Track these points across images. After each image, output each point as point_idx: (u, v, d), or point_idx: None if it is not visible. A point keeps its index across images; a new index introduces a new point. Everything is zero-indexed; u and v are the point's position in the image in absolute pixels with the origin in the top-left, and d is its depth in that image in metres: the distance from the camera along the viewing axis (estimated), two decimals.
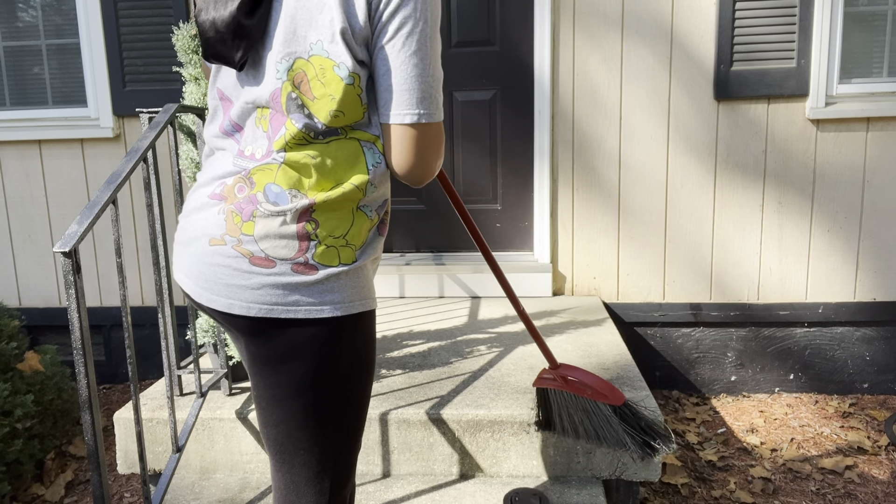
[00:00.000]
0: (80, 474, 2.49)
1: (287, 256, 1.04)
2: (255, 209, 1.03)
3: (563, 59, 2.96)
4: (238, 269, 1.04)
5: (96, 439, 1.39)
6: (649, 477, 1.87)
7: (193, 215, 1.11)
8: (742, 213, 2.98)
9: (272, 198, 1.03)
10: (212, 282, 1.06)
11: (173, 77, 3.07)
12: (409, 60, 1.00)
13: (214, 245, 1.06)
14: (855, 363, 3.03)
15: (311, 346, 1.06)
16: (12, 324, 2.55)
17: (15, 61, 3.23)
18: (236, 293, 1.04)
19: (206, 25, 1.02)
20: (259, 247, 1.03)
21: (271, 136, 1.04)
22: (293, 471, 1.14)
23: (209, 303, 1.07)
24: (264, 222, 1.03)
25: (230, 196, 1.06)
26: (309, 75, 1.01)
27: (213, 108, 1.14)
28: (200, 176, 1.15)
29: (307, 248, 1.04)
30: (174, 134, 1.91)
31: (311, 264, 1.04)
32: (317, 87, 1.01)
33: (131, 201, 3.22)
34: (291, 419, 1.10)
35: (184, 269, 1.11)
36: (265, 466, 1.98)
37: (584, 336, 2.53)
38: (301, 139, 1.03)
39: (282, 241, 1.03)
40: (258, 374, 1.11)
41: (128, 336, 1.59)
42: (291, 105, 1.02)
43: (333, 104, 1.01)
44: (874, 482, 2.31)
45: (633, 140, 2.98)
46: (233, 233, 1.04)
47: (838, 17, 2.83)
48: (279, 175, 1.04)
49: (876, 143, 2.89)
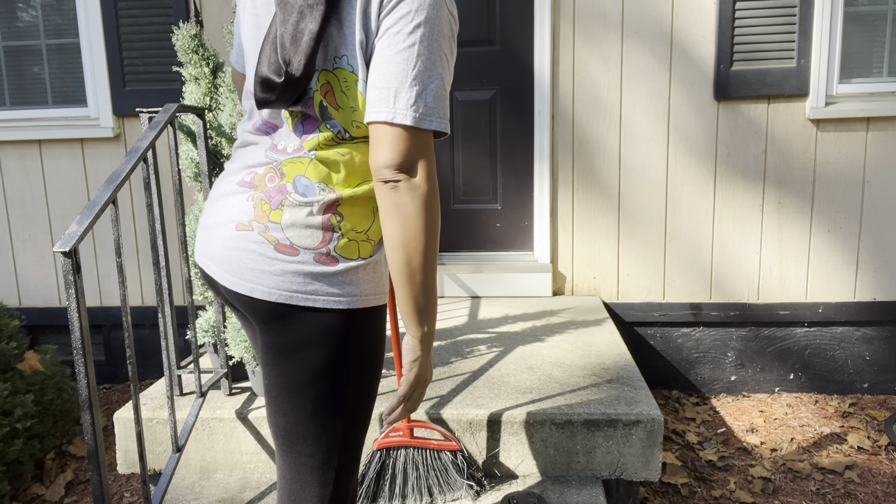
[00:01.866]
0: (80, 474, 2.49)
1: (311, 246, 1.06)
2: (284, 199, 1.07)
3: (563, 59, 2.96)
4: (263, 255, 1.07)
5: (96, 439, 1.39)
6: (649, 477, 1.87)
7: (221, 201, 1.15)
8: (742, 213, 2.98)
9: (301, 189, 1.07)
10: (236, 265, 1.09)
11: (173, 77, 3.06)
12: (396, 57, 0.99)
13: (241, 230, 1.09)
14: (855, 363, 3.03)
15: (326, 337, 1.08)
16: (12, 324, 2.55)
17: (15, 61, 3.23)
18: (259, 278, 1.07)
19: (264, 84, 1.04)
20: (285, 234, 1.06)
21: (304, 135, 1.09)
22: (299, 461, 1.15)
23: (232, 285, 1.09)
24: (292, 211, 1.06)
25: (260, 185, 1.09)
26: (334, 87, 1.06)
27: (249, 108, 1.19)
28: (230, 165, 1.18)
29: (330, 239, 1.07)
30: (174, 134, 1.91)
31: (333, 255, 1.07)
32: (341, 98, 1.06)
33: (131, 201, 3.22)
34: (301, 408, 1.11)
35: (207, 253, 1.14)
36: (265, 466, 1.98)
37: (584, 336, 2.53)
38: (332, 140, 1.08)
39: (307, 231, 1.06)
40: (272, 362, 1.12)
41: (128, 336, 1.59)
42: (324, 112, 1.07)
43: (355, 115, 1.07)
44: (874, 482, 2.31)
45: (633, 140, 2.98)
46: (260, 219, 1.08)
47: (838, 17, 2.83)
48: (310, 168, 1.07)
49: (876, 143, 2.89)
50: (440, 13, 1.00)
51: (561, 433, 1.87)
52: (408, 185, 1.00)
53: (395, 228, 1.01)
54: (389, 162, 0.99)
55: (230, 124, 2.00)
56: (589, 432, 1.87)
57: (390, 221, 1.01)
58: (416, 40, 0.99)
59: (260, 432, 1.96)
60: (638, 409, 1.87)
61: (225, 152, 2.05)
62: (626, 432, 1.85)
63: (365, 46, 1.02)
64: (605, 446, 1.87)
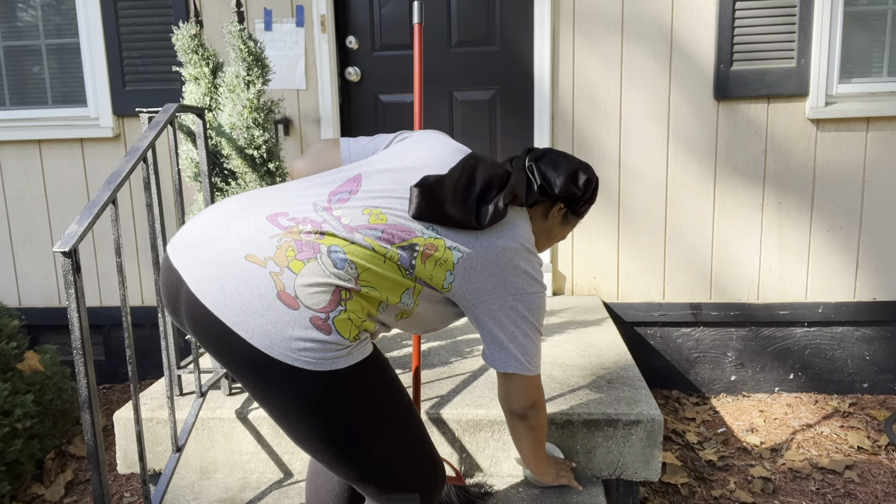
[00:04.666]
0: (80, 474, 2.49)
1: (313, 306, 1.07)
2: (314, 257, 1.09)
3: (562, 59, 2.96)
4: (262, 295, 1.06)
5: (96, 439, 1.39)
6: (649, 477, 1.87)
7: (239, 222, 1.13)
8: (742, 213, 2.98)
9: (334, 257, 1.10)
10: (228, 293, 1.06)
11: (173, 77, 3.07)
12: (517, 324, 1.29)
13: (252, 262, 1.07)
14: (855, 363, 3.03)
15: (311, 401, 1.09)
16: (12, 323, 2.55)
17: (15, 61, 3.23)
18: (248, 316, 1.05)
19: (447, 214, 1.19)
20: (294, 286, 1.06)
21: (373, 231, 1.15)
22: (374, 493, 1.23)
23: (215, 310, 1.06)
24: (314, 271, 1.08)
25: (293, 232, 1.11)
26: (435, 254, 1.19)
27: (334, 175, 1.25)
28: (266, 192, 1.20)
29: (333, 308, 1.08)
30: (174, 134, 1.91)
31: (329, 324, 1.08)
32: (430, 263, 1.19)
33: (131, 201, 3.22)
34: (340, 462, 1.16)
35: (190, 256, 1.11)
36: (265, 466, 1.98)
37: (584, 336, 2.53)
38: (390, 258, 1.15)
39: (317, 293, 1.07)
40: (273, 419, 1.16)
41: (128, 336, 1.59)
42: (409, 248, 1.17)
43: (427, 279, 1.20)
44: (874, 482, 2.31)
45: (633, 140, 2.98)
46: (279, 261, 1.08)
47: (838, 17, 2.83)
48: (350, 247, 1.12)
49: (876, 143, 2.89)
50: (543, 301, 1.30)
51: (561, 433, 1.87)
52: (534, 413, 1.40)
53: (526, 441, 1.46)
54: (524, 402, 1.36)
55: (230, 124, 2.00)
56: (589, 432, 1.87)
57: (522, 436, 1.45)
58: (530, 320, 1.29)
59: (260, 432, 1.96)
60: (638, 409, 1.87)
61: (225, 152, 2.05)
62: (625, 432, 1.85)
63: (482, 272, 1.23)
64: (604, 446, 1.87)
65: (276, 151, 2.04)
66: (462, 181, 1.22)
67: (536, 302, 1.28)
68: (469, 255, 1.21)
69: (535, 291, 1.28)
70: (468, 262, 1.21)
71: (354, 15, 3.12)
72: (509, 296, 1.24)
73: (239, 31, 2.00)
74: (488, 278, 1.23)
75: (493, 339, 1.28)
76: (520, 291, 1.25)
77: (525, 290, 1.25)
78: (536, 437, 1.45)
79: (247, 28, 2.45)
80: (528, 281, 1.26)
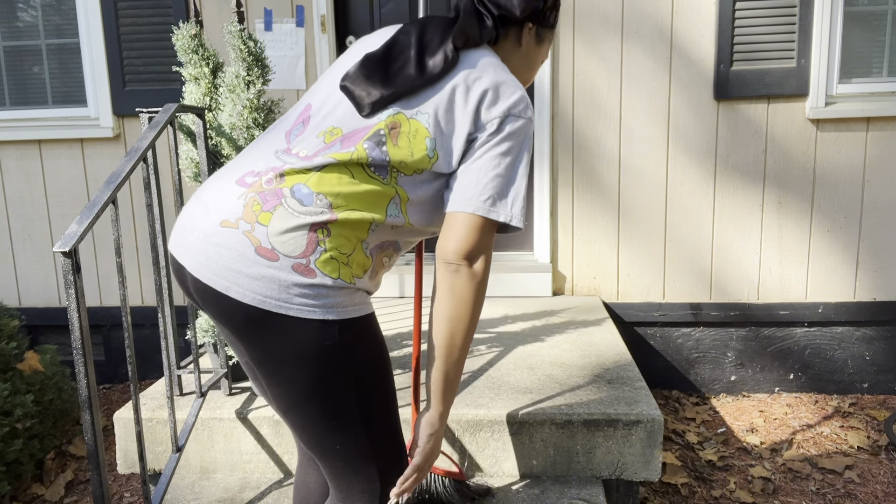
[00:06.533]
0: (80, 474, 2.49)
1: (291, 254, 1.06)
2: (279, 203, 1.07)
3: (562, 60, 2.96)
4: (242, 255, 1.06)
5: (96, 439, 1.39)
6: (649, 477, 1.87)
7: (211, 194, 1.14)
8: (742, 213, 2.98)
9: (298, 195, 1.07)
10: (213, 261, 1.07)
11: (173, 77, 3.07)
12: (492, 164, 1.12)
13: (226, 227, 1.08)
14: (855, 363, 3.03)
15: (305, 350, 1.07)
16: (12, 324, 2.55)
17: (15, 61, 3.23)
18: (235, 278, 1.06)
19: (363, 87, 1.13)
20: (269, 239, 1.06)
21: (331, 147, 1.11)
22: (336, 465, 1.15)
23: (207, 280, 1.07)
24: (282, 217, 1.06)
25: (257, 186, 1.10)
26: (402, 129, 1.11)
27: (290, 113, 1.22)
28: (234, 161, 1.19)
29: (313, 251, 1.07)
30: (174, 134, 1.91)
31: (311, 268, 1.06)
32: (403, 140, 1.11)
33: (131, 201, 3.22)
34: (311, 425, 1.12)
35: (184, 244, 1.12)
36: (265, 466, 1.98)
37: (584, 336, 2.53)
38: (360, 162, 1.10)
39: (291, 238, 1.06)
40: (265, 381, 1.12)
41: (128, 336, 1.59)
42: (374, 137, 1.11)
43: (407, 158, 1.12)
44: (874, 482, 2.31)
45: (633, 140, 2.98)
46: (248, 219, 1.07)
47: (838, 17, 2.83)
48: (313, 179, 1.09)
49: (876, 143, 2.89)
50: (530, 136, 1.15)
51: (561, 433, 1.87)
52: (468, 272, 1.11)
53: (446, 306, 1.12)
54: (458, 250, 1.10)
55: (230, 124, 2.00)
56: (589, 432, 1.87)
57: (444, 299, 1.12)
58: (522, 162, 1.13)
59: (260, 432, 1.96)
60: (638, 409, 1.87)
61: (225, 152, 2.05)
62: (625, 432, 1.85)
63: (457, 119, 1.12)
64: (604, 446, 1.87)
65: None
66: (394, 50, 1.15)
67: (522, 128, 1.13)
68: (437, 109, 1.12)
69: (519, 112, 1.13)
70: (440, 115, 1.12)
71: (354, 15, 3.12)
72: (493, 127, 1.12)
73: (239, 31, 2.00)
74: (464, 117, 1.12)
75: (464, 179, 1.13)
76: (505, 115, 1.12)
77: (511, 111, 1.12)
78: (463, 308, 1.12)
79: (247, 28, 2.45)
80: (509, 100, 1.13)
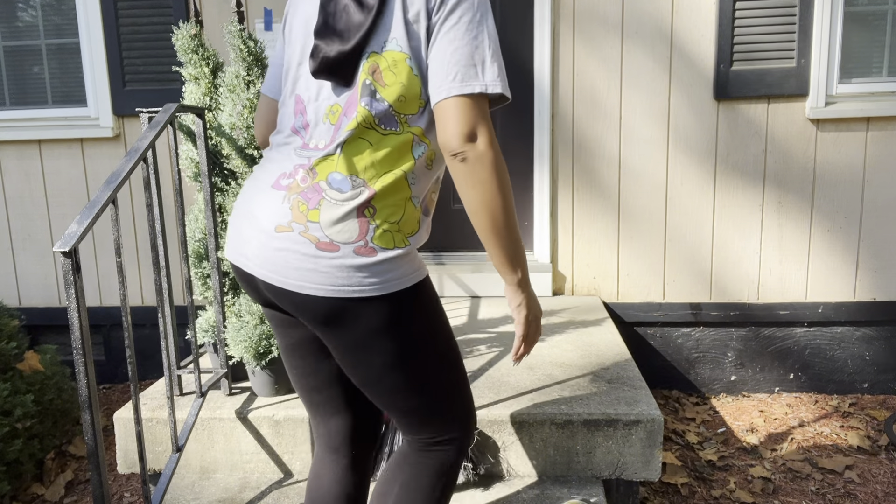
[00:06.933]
0: (80, 474, 2.49)
1: (349, 240, 1.11)
2: (322, 198, 1.12)
3: (562, 60, 2.96)
4: (305, 254, 1.11)
5: (96, 439, 1.39)
6: (649, 477, 1.87)
7: (255, 203, 1.18)
8: (742, 213, 2.98)
9: (335, 185, 1.12)
10: (280, 266, 1.13)
11: (173, 77, 3.07)
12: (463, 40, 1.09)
13: (281, 232, 1.13)
14: (855, 363, 3.03)
15: (383, 324, 1.14)
16: (12, 323, 2.55)
17: (15, 61, 3.23)
18: (306, 276, 1.12)
19: (328, 57, 1.13)
20: (324, 233, 1.11)
21: (338, 125, 1.14)
22: (425, 412, 1.24)
23: (280, 284, 1.13)
24: (329, 210, 1.12)
25: (294, 187, 1.14)
26: (381, 66, 1.12)
27: (284, 114, 1.23)
28: (260, 169, 1.23)
29: (367, 231, 1.12)
30: (174, 134, 1.91)
31: (371, 247, 1.12)
32: (388, 76, 1.12)
33: (131, 201, 3.22)
34: (396, 390, 1.20)
35: (246, 253, 1.18)
36: (265, 466, 1.98)
37: (584, 336, 2.53)
38: (367, 123, 1.12)
39: (344, 227, 1.11)
40: (348, 364, 1.19)
41: (128, 336, 1.59)
42: (365, 90, 1.12)
43: (402, 90, 1.12)
44: (874, 482, 2.31)
45: (633, 140, 2.98)
46: (299, 220, 1.13)
47: (838, 17, 2.83)
48: (339, 163, 1.13)
49: (876, 143, 2.89)
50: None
51: (561, 433, 1.87)
52: (475, 153, 1.07)
53: (473, 197, 1.09)
54: (454, 135, 1.06)
55: (230, 124, 2.00)
56: (589, 432, 1.87)
57: (468, 192, 1.09)
58: (476, 23, 1.09)
59: (260, 432, 1.97)
60: (638, 409, 1.87)
61: (225, 152, 2.05)
62: (625, 432, 1.85)
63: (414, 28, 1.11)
64: (604, 446, 1.87)
65: None
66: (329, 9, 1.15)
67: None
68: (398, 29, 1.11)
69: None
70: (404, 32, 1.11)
71: None
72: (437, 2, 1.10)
73: (239, 31, 2.00)
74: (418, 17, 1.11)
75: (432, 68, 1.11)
76: None
77: None
78: (488, 191, 1.08)
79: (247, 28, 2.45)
80: None
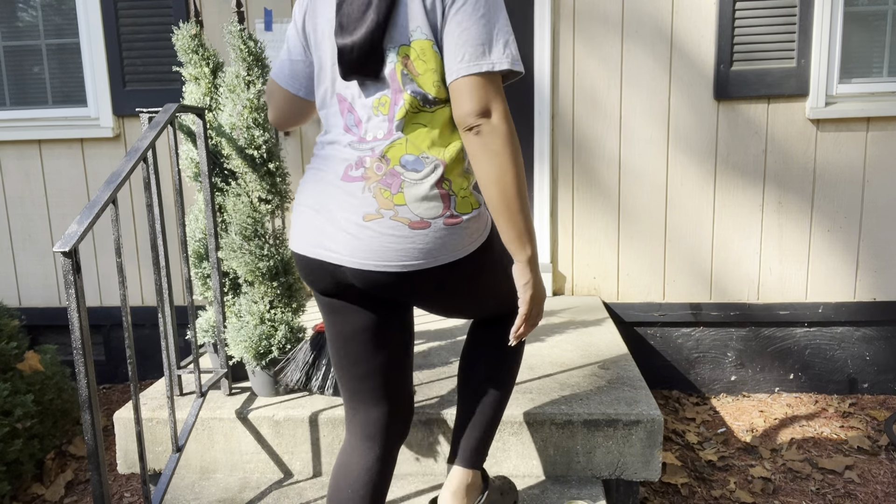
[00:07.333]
0: (80, 474, 2.49)
1: (437, 214, 1.21)
2: (402, 181, 1.20)
3: (562, 60, 2.96)
4: (401, 236, 1.19)
5: (96, 439, 1.39)
6: (649, 477, 1.87)
7: (328, 196, 1.24)
8: (742, 213, 2.98)
9: (410, 166, 1.20)
10: (378, 252, 1.20)
11: (173, 77, 3.07)
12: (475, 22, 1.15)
13: (370, 220, 1.20)
14: (855, 363, 3.03)
15: (480, 266, 1.30)
16: (12, 323, 2.55)
17: (15, 61, 3.23)
18: (407, 254, 1.20)
19: (346, 48, 1.19)
20: (414, 213, 1.19)
21: (391, 115, 1.21)
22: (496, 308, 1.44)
23: (382, 268, 1.21)
24: (411, 190, 1.19)
25: (371, 176, 1.21)
26: (412, 56, 1.18)
27: (329, 114, 1.29)
28: (318, 166, 1.29)
29: (449, 202, 1.22)
30: (174, 134, 1.91)
31: (455, 214, 1.22)
32: (419, 65, 1.19)
33: (131, 201, 3.22)
34: (485, 302, 1.39)
35: (331, 247, 1.23)
36: (265, 466, 1.98)
37: (584, 336, 2.53)
38: (415, 107, 1.20)
39: (430, 203, 1.20)
40: (448, 307, 1.35)
41: (128, 336, 1.59)
42: (405, 80, 1.19)
43: (436, 76, 1.19)
44: (874, 482, 2.31)
45: (633, 140, 2.98)
46: (385, 206, 1.20)
47: (838, 17, 2.83)
48: (409, 146, 1.21)
49: (876, 143, 2.89)
50: None
51: (561, 433, 1.87)
52: (489, 127, 1.14)
53: (485, 169, 1.16)
54: (468, 111, 1.13)
55: (230, 124, 2.00)
56: (589, 432, 1.87)
57: (480, 164, 1.16)
58: (483, 3, 1.15)
59: (260, 432, 1.97)
60: (638, 409, 1.87)
61: (225, 152, 2.05)
62: (625, 432, 1.85)
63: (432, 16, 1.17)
64: (605, 446, 1.87)
65: (276, 151, 2.04)
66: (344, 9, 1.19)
67: None
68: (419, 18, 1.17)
69: None
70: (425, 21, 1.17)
71: None
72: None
73: (239, 31, 2.00)
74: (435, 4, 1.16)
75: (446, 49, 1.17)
76: None
77: None
78: (502, 163, 1.14)
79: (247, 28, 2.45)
80: None
